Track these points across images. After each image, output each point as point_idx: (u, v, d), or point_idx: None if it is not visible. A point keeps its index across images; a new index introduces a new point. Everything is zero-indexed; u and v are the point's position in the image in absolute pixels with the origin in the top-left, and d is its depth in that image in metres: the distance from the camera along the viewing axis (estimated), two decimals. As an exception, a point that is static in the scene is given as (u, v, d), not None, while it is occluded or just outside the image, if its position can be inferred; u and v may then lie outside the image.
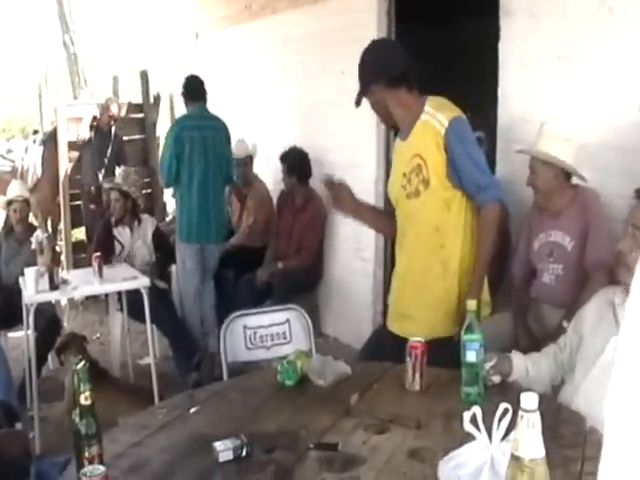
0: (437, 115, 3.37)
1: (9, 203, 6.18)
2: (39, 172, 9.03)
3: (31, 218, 6.72)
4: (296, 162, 6.52)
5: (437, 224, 3.42)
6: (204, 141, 6.21)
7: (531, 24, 4.48)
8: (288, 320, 3.82)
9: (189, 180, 6.17)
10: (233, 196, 7.35)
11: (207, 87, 6.55)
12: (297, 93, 7.20)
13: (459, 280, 3.44)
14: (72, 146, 8.38)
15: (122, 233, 6.28)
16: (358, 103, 3.56)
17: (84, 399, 2.10)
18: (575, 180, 3.90)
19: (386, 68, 3.47)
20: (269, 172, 7.28)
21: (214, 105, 9.03)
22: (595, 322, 2.80)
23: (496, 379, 2.72)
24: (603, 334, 2.72)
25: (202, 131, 6.24)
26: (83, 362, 2.14)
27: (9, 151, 9.54)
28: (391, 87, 3.47)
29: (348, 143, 6.02)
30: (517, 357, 2.87)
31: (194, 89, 6.45)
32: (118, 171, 6.41)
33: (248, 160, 7.20)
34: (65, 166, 8.37)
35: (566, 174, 3.86)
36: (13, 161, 9.28)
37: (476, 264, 3.39)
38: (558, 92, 4.33)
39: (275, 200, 7.06)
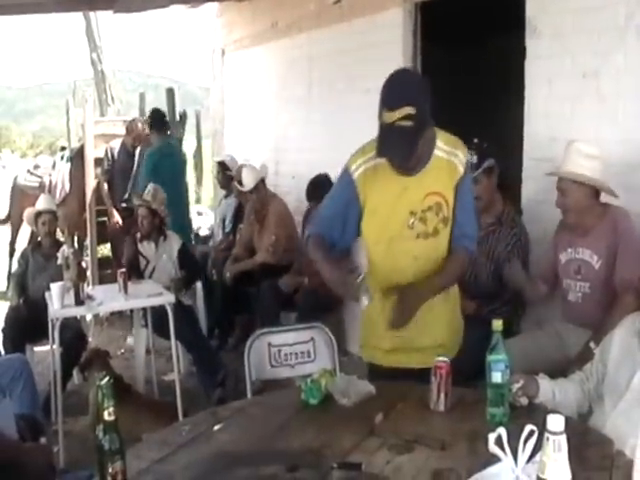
0: (457, 152, 3.16)
1: (38, 215, 6.23)
2: (67, 188, 9.10)
3: (58, 234, 6.77)
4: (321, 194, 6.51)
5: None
6: (174, 167, 8.00)
7: (557, 43, 4.47)
8: (313, 338, 3.81)
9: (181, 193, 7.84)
10: (252, 215, 7.32)
11: (230, 103, 8.78)
12: (322, 111, 7.21)
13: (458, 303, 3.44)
14: (99, 163, 8.45)
15: (147, 248, 6.31)
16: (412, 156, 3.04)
17: (107, 415, 2.10)
18: (604, 198, 3.87)
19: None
20: (294, 190, 7.28)
21: (240, 121, 9.12)
22: (620, 352, 2.78)
23: (524, 401, 2.70)
24: (628, 365, 2.70)
25: (172, 157, 8.06)
26: (107, 378, 2.15)
27: (36, 167, 9.63)
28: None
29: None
30: (544, 380, 2.84)
31: (162, 121, 8.20)
32: (147, 188, 6.46)
33: (259, 184, 7.01)
34: (92, 183, 8.44)
35: (595, 192, 3.84)
36: (40, 177, 9.36)
37: (436, 282, 3.21)
38: (584, 110, 4.32)
39: (301, 218, 7.03)
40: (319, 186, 6.45)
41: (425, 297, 3.16)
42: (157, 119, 8.13)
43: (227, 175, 7.94)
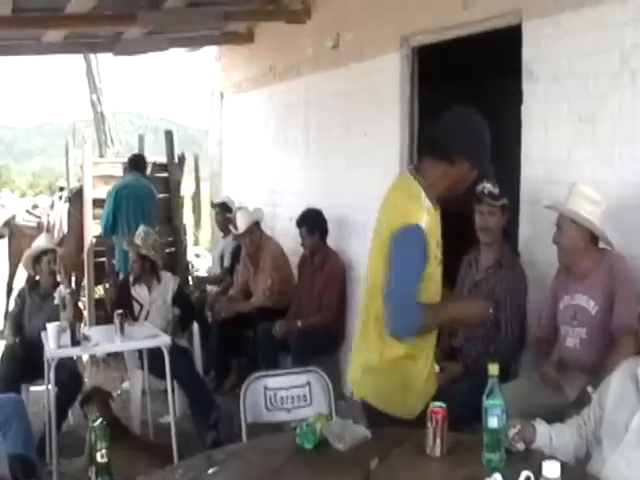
0: None
1: (44, 253, 6.19)
2: (65, 228, 9.12)
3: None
4: (315, 222, 6.52)
5: None
6: (137, 198, 8.06)
7: (554, 87, 4.52)
8: (309, 382, 3.80)
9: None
10: (247, 258, 7.33)
11: (228, 146, 9.31)
12: (320, 154, 7.25)
13: None
14: (97, 204, 8.49)
15: (140, 293, 6.31)
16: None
17: (100, 457, 2.10)
18: (601, 244, 3.88)
19: None
20: (292, 232, 7.29)
21: (238, 164, 9.15)
22: (618, 396, 2.78)
23: (520, 446, 2.68)
24: (626, 408, 2.69)
25: (136, 189, 8.14)
26: (100, 420, 2.14)
27: (35, 207, 9.67)
28: None
29: (369, 205, 5.95)
30: (541, 425, 2.83)
31: (139, 164, 8.51)
32: (138, 231, 6.46)
33: (253, 227, 7.09)
34: (90, 223, 8.46)
35: (593, 237, 3.84)
36: (39, 217, 9.39)
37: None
38: (580, 154, 4.34)
39: (297, 263, 7.02)
40: (313, 214, 6.47)
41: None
42: (135, 161, 8.55)
43: (227, 217, 7.96)
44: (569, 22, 4.38)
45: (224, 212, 8.09)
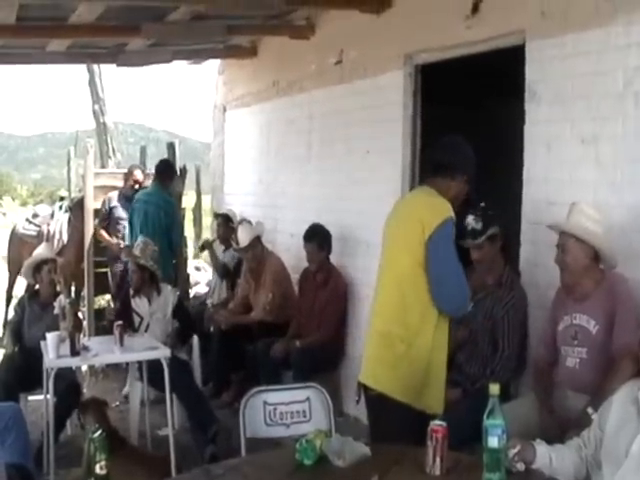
0: None
1: (44, 262, 6.19)
2: (65, 238, 9.11)
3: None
4: (324, 237, 6.51)
5: None
6: (147, 214, 7.79)
7: (556, 108, 4.52)
8: (309, 398, 3.81)
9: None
10: (248, 272, 7.34)
11: (230, 160, 9.36)
12: (322, 170, 7.25)
13: None
14: (98, 214, 8.50)
15: (140, 305, 6.31)
16: None
17: (99, 468, 2.11)
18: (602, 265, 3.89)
19: None
20: (293, 247, 7.29)
21: (240, 178, 9.16)
22: (618, 419, 2.78)
23: (520, 466, 2.68)
24: (627, 432, 2.69)
25: (147, 205, 7.87)
26: (100, 431, 2.14)
27: (35, 216, 9.67)
28: None
29: (371, 222, 5.96)
30: (541, 446, 2.83)
31: (165, 172, 8.17)
32: (137, 241, 6.46)
33: (255, 242, 7.09)
34: (90, 233, 8.46)
35: (595, 255, 3.85)
36: (39, 226, 9.40)
37: None
38: (583, 175, 4.34)
39: (298, 278, 7.02)
40: (322, 230, 6.47)
41: None
42: (158, 169, 8.25)
43: (230, 227, 7.97)
44: (573, 44, 4.39)
45: (227, 223, 8.10)
